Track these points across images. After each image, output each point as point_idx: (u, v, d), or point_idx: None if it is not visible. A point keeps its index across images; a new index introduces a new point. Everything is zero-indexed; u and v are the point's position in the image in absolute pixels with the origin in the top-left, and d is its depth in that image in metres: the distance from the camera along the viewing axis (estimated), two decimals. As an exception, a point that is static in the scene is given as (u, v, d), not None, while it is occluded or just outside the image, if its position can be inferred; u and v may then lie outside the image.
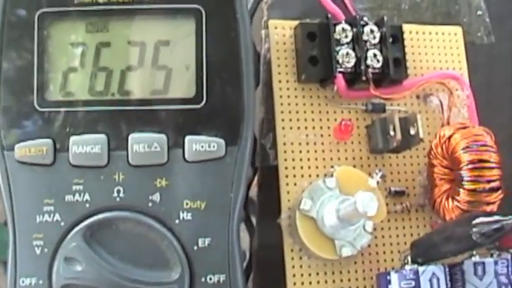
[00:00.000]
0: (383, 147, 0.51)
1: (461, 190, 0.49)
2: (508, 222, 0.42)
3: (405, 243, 0.52)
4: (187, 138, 0.45)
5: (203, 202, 0.44)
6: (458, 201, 0.49)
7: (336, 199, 0.48)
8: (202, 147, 0.45)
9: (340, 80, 0.51)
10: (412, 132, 0.50)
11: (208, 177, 0.45)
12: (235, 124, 0.45)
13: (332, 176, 0.49)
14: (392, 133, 0.50)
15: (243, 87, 0.46)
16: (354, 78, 0.53)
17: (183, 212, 0.44)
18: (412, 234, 0.53)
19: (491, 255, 0.48)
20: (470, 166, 0.48)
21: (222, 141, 0.45)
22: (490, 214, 0.44)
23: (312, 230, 0.48)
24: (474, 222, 0.43)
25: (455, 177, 0.50)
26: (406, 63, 0.53)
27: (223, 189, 0.45)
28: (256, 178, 0.56)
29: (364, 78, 0.51)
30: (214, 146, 0.45)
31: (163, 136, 0.44)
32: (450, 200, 0.50)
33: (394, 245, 0.53)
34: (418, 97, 0.56)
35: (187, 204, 0.44)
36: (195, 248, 0.44)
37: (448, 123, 0.54)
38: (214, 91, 0.46)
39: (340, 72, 0.51)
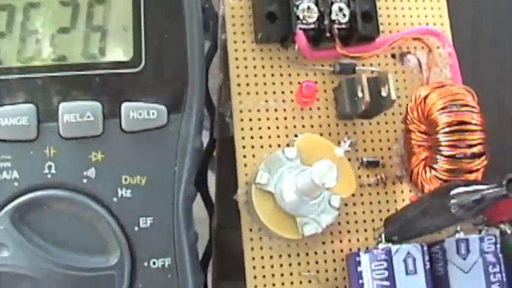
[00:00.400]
0: (351, 111, 0.49)
1: (439, 157, 0.46)
2: (489, 191, 0.40)
3: (381, 219, 0.50)
4: (124, 105, 0.42)
5: (143, 177, 0.42)
6: (437, 170, 0.46)
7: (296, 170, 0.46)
8: (140, 115, 0.42)
9: (301, 38, 0.49)
10: (384, 93, 0.49)
11: (149, 149, 0.42)
12: (178, 89, 0.44)
13: (293, 145, 0.48)
14: (360, 94, 0.49)
15: (187, 49, 0.44)
16: (317, 35, 0.50)
17: (121, 189, 0.42)
18: (388, 210, 0.50)
19: (480, 232, 0.47)
20: (448, 129, 0.45)
21: (163, 108, 0.43)
22: (470, 183, 0.42)
23: (271, 206, 0.46)
24: (452, 193, 0.39)
25: (432, 144, 0.48)
26: (377, 18, 0.52)
27: (166, 163, 0.43)
28: (215, 151, 0.55)
29: (328, 34, 0.49)
30: (154, 114, 0.42)
31: (97, 104, 0.42)
32: (428, 169, 0.48)
33: (369, 222, 0.49)
34: (393, 56, 0.53)
35: (126, 180, 0.42)
36: (136, 228, 0.42)
37: (428, 84, 0.53)
38: (154, 53, 0.43)
39: (301, 29, 0.49)
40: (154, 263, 0.43)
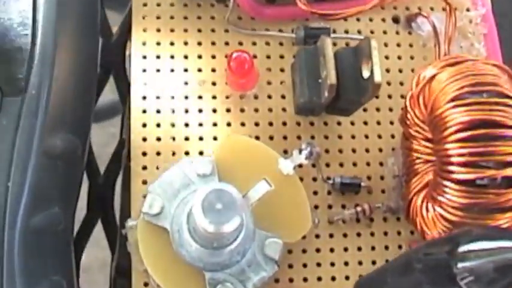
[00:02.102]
0: (310, 100, 0.31)
1: (447, 183, 0.28)
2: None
3: (359, 277, 0.32)
4: None
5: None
6: (443, 205, 0.28)
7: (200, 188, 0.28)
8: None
9: (239, -16, 0.32)
10: (365, 73, 0.30)
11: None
12: (13, 64, 0.28)
13: (209, 154, 0.29)
14: (323, 74, 0.30)
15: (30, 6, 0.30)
16: (269, -19, 0.33)
17: None
18: (374, 263, 0.33)
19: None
20: (462, 135, 0.28)
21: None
22: (494, 235, 0.24)
23: (165, 252, 0.29)
24: (461, 249, 0.24)
25: (438, 158, 0.29)
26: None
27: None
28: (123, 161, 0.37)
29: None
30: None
31: None
32: (431, 202, 0.29)
33: (340, 281, 0.33)
34: (395, 20, 0.36)
35: None
36: None
37: (446, 64, 0.34)
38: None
39: None
40: None
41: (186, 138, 0.32)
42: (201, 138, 0.32)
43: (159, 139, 0.32)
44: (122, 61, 0.38)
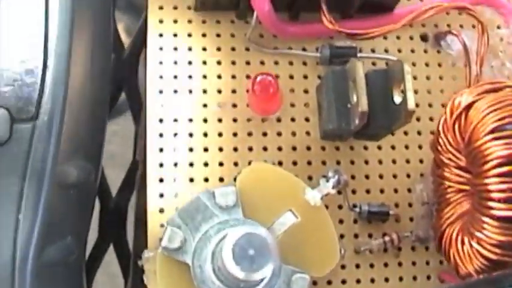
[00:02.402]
0: (339, 127, 0.29)
1: (486, 219, 0.26)
2: None
3: (388, 310, 0.31)
4: None
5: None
6: (481, 242, 0.27)
7: (230, 230, 0.27)
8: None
9: (261, 1, 0.30)
10: (397, 98, 0.29)
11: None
12: (24, 88, 0.26)
13: (233, 184, 0.28)
14: (354, 99, 0.28)
15: (42, 26, 0.28)
16: (293, -1, 0.31)
17: None
18: None
19: None
20: (504, 169, 0.26)
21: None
22: None
23: (185, 287, 0.27)
24: None
25: (476, 191, 0.28)
26: (398, -27, 0.32)
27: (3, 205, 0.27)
28: (136, 183, 0.35)
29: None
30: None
31: None
32: (467, 236, 0.28)
33: None
34: (424, 38, 0.34)
35: None
36: None
37: (478, 86, 0.32)
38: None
39: None
40: None
41: (205, 164, 0.31)
42: (221, 164, 0.31)
43: (176, 164, 0.31)
44: (134, 77, 0.36)
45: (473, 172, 0.27)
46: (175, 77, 0.31)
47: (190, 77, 0.32)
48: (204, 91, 0.32)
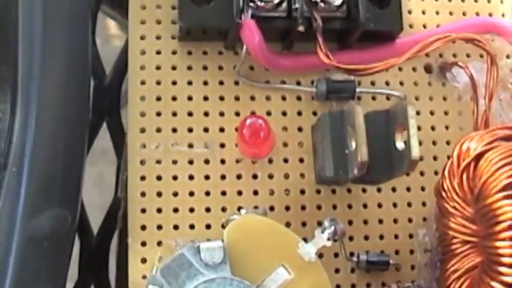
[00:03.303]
0: (336, 175, 0.27)
1: (495, 284, 0.24)
2: None
3: None
4: None
5: None
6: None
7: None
8: None
9: (253, 33, 0.27)
10: (399, 144, 0.26)
11: None
12: None
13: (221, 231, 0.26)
14: (352, 145, 0.26)
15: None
16: (286, 29, 0.29)
17: None
18: None
19: None
20: None
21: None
22: None
23: None
24: None
25: (486, 251, 0.25)
26: (400, 3, 0.29)
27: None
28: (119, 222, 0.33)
29: (300, 28, 0.27)
30: None
31: None
32: (475, 294, 0.26)
33: None
34: (427, 69, 0.32)
35: None
36: None
37: (487, 126, 0.30)
38: None
39: (254, 16, 0.28)
40: None
41: (191, 210, 0.29)
42: (207, 210, 0.29)
43: (159, 210, 0.28)
44: (116, 106, 0.34)
45: (483, 230, 0.25)
46: (159, 114, 0.29)
47: (174, 114, 0.29)
48: (190, 130, 0.29)
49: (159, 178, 0.29)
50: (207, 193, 0.29)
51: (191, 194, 0.29)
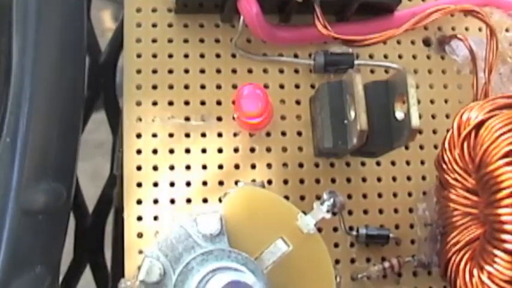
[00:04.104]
0: (335, 146, 0.27)
1: (497, 252, 0.24)
2: None
3: None
4: None
5: None
6: (490, 275, 0.24)
7: (214, 263, 0.24)
8: None
9: (248, 3, 0.27)
10: (399, 114, 0.26)
11: None
12: None
13: (219, 204, 0.25)
14: (351, 115, 0.26)
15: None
16: (283, 0, 0.28)
17: None
18: None
19: None
20: None
21: None
22: None
23: (166, 327, 0.25)
24: None
25: (487, 220, 0.25)
26: (398, -27, 0.29)
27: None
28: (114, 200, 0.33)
29: (300, -1, 0.27)
30: None
31: None
32: (475, 267, 0.25)
33: None
34: (426, 43, 0.32)
35: None
36: None
37: (486, 96, 0.29)
38: None
39: None
40: None
41: (188, 184, 0.28)
42: (204, 183, 0.28)
43: (156, 184, 0.28)
44: (111, 84, 0.33)
45: (485, 199, 0.24)
46: (155, 87, 0.29)
47: (171, 87, 0.29)
48: (186, 103, 0.29)
49: (155, 152, 0.28)
50: (204, 167, 0.29)
51: (188, 167, 0.29)
